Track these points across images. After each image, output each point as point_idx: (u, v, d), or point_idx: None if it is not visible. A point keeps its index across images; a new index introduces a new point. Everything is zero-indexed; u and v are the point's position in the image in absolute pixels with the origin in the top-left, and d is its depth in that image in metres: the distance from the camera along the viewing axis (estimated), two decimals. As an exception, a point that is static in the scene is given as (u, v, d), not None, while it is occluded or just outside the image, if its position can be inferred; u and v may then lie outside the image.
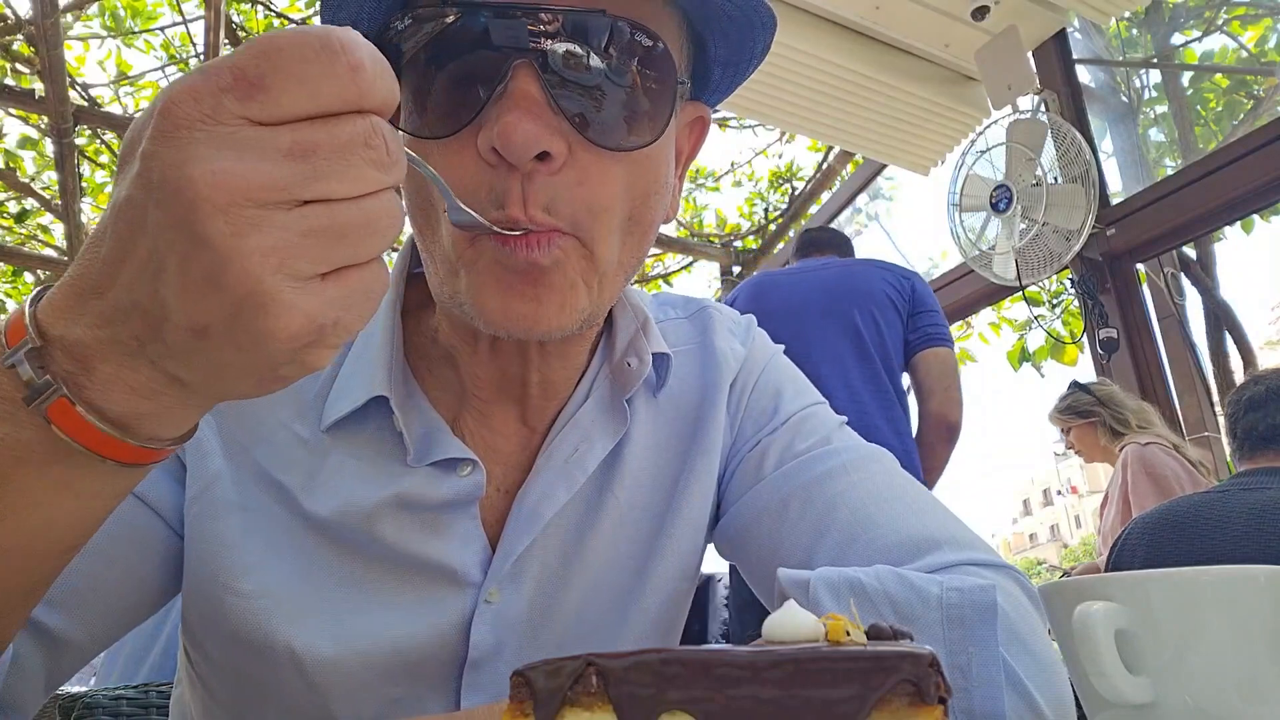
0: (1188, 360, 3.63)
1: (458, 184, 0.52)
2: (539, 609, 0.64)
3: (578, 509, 0.66)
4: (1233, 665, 0.48)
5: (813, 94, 3.61)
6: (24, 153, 5.45)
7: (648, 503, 0.69)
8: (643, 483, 0.69)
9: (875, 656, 0.29)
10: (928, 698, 0.28)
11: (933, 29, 3.38)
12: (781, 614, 0.33)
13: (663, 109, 0.55)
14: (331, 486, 0.61)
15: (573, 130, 0.52)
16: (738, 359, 0.74)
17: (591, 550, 0.66)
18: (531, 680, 0.32)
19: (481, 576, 0.62)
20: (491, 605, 0.62)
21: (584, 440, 0.66)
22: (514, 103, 0.50)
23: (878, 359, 2.19)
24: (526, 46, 0.50)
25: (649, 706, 0.30)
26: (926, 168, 4.00)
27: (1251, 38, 4.16)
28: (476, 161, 0.52)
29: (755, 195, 6.51)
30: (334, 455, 0.62)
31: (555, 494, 0.64)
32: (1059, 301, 4.63)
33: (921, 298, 2.33)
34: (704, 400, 0.71)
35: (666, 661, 0.30)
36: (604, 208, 0.54)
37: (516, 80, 0.50)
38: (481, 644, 0.62)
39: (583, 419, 0.66)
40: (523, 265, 0.52)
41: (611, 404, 0.67)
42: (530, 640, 0.63)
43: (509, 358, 0.63)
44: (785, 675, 0.29)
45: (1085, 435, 3.03)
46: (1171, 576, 0.50)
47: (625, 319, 0.68)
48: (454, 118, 0.52)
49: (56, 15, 3.71)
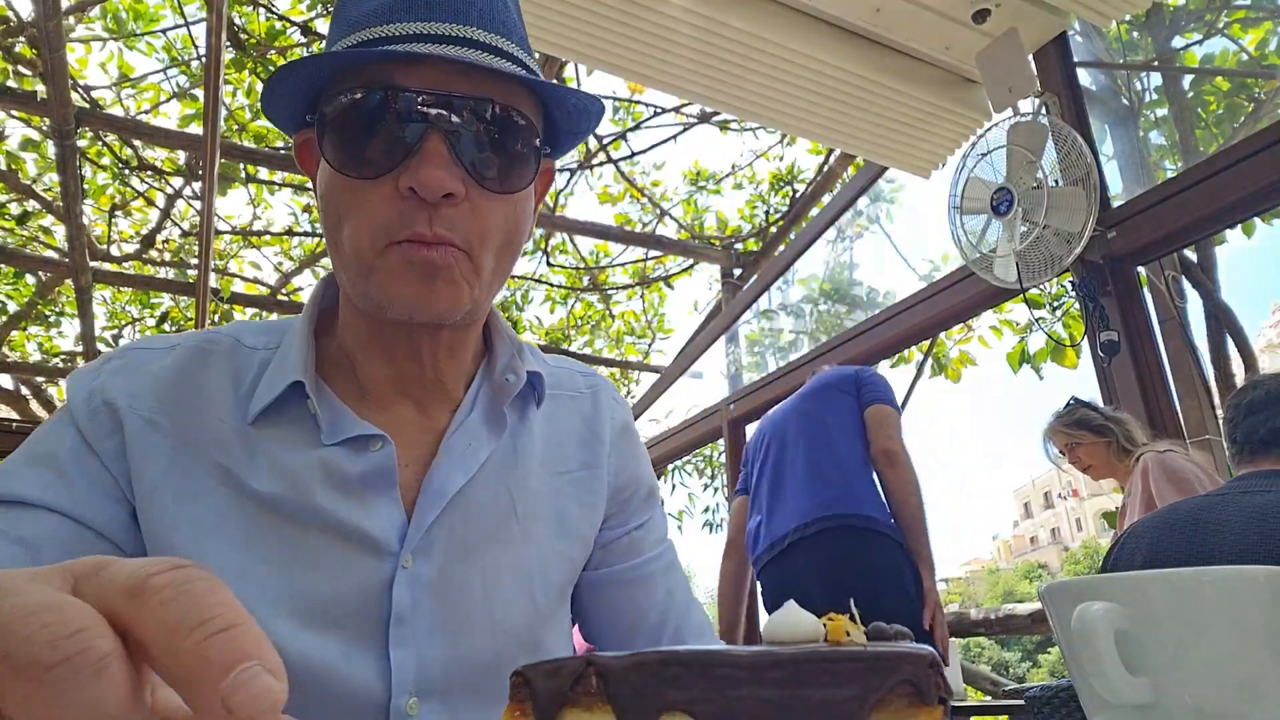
0: (1189, 363, 3.62)
1: (378, 214, 0.69)
2: (447, 575, 0.76)
3: (482, 496, 0.80)
4: (1233, 666, 0.48)
5: (813, 97, 3.61)
6: (26, 155, 5.45)
7: (537, 513, 0.84)
8: (534, 490, 0.84)
9: (875, 657, 0.29)
10: (928, 698, 0.29)
11: (933, 32, 3.38)
12: (782, 614, 0.33)
13: (530, 164, 0.75)
14: (267, 466, 0.74)
15: (469, 177, 0.70)
16: (618, 416, 0.95)
17: (489, 534, 0.79)
18: (531, 680, 0.32)
19: (399, 545, 0.75)
20: (407, 570, 0.74)
21: (474, 439, 0.81)
22: (427, 158, 0.68)
23: (843, 432, 2.99)
24: (436, 118, 0.69)
25: (649, 707, 0.30)
26: (927, 170, 4.00)
27: (1252, 40, 4.16)
28: (394, 197, 0.69)
29: (756, 198, 6.51)
30: (262, 442, 0.75)
31: (454, 477, 0.78)
32: (1060, 304, 4.62)
33: (866, 379, 3.09)
34: (592, 435, 0.91)
35: (666, 662, 0.30)
36: (489, 233, 0.72)
37: (429, 141, 0.69)
38: (401, 601, 0.73)
39: (471, 424, 0.82)
40: (423, 263, 0.69)
41: (493, 412, 0.83)
42: (442, 601, 0.75)
43: (404, 358, 0.78)
44: (785, 676, 0.29)
45: (1097, 452, 2.99)
46: (1172, 577, 0.50)
47: (503, 345, 0.86)
48: (380, 165, 0.69)
49: (58, 17, 3.71)
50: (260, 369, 0.79)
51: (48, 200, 5.40)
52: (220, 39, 3.53)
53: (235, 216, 9.39)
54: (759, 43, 3.34)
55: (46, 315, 6.81)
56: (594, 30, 3.23)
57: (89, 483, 0.70)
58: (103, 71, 5.30)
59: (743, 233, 6.49)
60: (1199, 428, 3.36)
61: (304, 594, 0.71)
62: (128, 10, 5.10)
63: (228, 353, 0.80)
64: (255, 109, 5.58)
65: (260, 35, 4.96)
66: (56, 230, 5.99)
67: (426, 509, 0.76)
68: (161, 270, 6.70)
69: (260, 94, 0.73)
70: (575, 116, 0.79)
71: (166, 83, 5.38)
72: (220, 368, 0.79)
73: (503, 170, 0.73)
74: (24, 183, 5.36)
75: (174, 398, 0.76)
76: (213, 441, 0.74)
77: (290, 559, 0.72)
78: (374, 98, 0.69)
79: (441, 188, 0.68)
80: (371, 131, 0.70)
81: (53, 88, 3.94)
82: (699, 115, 5.63)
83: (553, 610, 0.83)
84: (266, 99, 0.74)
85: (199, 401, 0.76)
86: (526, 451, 0.85)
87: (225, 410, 0.76)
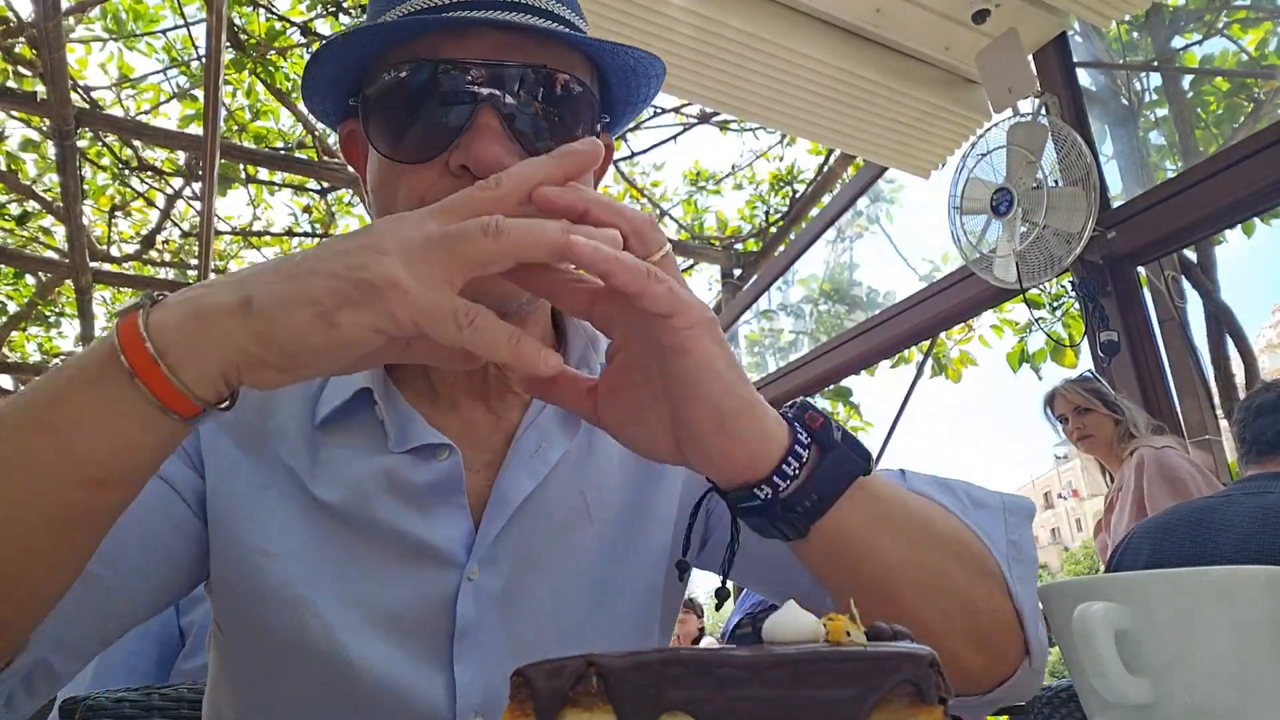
0: (1188, 363, 3.62)
1: (428, 195, 0.64)
2: (515, 588, 0.72)
3: (552, 502, 0.75)
4: (1233, 666, 0.48)
5: (813, 97, 3.61)
6: (26, 155, 5.45)
7: (615, 514, 0.78)
8: (610, 489, 0.78)
9: (875, 657, 0.29)
10: (928, 698, 0.29)
11: (933, 32, 3.38)
12: (782, 614, 0.33)
13: (587, 135, 0.69)
14: (331, 474, 0.71)
15: (523, 153, 0.65)
16: None
17: (558, 540, 0.74)
18: (532, 680, 0.32)
19: (465, 556, 0.71)
20: (473, 582, 0.70)
21: (544, 439, 0.76)
22: (480, 134, 0.64)
23: None
24: (488, 92, 0.65)
25: (649, 707, 0.30)
26: (927, 171, 4.00)
27: (1252, 41, 4.16)
28: (445, 177, 0.65)
29: (756, 198, 6.51)
30: (326, 447, 0.72)
31: (521, 483, 0.73)
32: (1060, 304, 4.62)
33: None
34: None
35: (667, 662, 0.30)
36: None
37: (482, 117, 0.64)
38: (466, 616, 0.70)
39: (543, 421, 0.76)
40: None
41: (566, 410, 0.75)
42: (507, 616, 0.71)
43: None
44: (786, 676, 0.29)
45: (1104, 425, 2.98)
46: (1172, 577, 0.50)
47: (577, 338, 0.81)
48: (431, 146, 0.66)
49: (58, 18, 3.71)
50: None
51: (48, 201, 5.40)
52: (220, 39, 3.54)
53: (235, 217, 9.37)
54: (759, 43, 3.33)
55: (46, 316, 6.81)
56: (593, 31, 3.22)
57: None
58: (103, 72, 5.31)
59: (743, 233, 6.49)
60: (1199, 428, 3.36)
61: (370, 603, 0.69)
62: (128, 10, 5.10)
63: None
64: (255, 109, 5.58)
65: (260, 36, 4.96)
66: (56, 231, 5.99)
67: (493, 518, 0.72)
68: (161, 271, 6.70)
69: (301, 81, 0.71)
70: (633, 82, 0.74)
71: (166, 83, 5.39)
72: None
73: (559, 142, 0.65)
74: (24, 183, 5.36)
75: (255, 397, 0.73)
76: (279, 437, 0.73)
77: (356, 569, 0.70)
78: (420, 73, 0.65)
79: (497, 164, 0.61)
80: (419, 110, 0.66)
81: (53, 88, 3.94)
82: (699, 115, 5.63)
83: (638, 615, 0.77)
84: (307, 85, 0.70)
85: (268, 396, 0.74)
86: (608, 444, 0.78)
87: (294, 407, 0.74)
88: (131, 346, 0.47)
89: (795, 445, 0.56)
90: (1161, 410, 3.07)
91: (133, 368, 0.47)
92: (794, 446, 0.56)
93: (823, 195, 5.76)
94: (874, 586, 0.60)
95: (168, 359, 0.47)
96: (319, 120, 0.75)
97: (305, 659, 0.68)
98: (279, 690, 0.71)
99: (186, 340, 0.47)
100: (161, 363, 0.47)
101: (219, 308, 0.48)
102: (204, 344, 0.48)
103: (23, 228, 5.92)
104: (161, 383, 0.47)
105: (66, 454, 0.48)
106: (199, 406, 0.49)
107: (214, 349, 0.48)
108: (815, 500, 0.57)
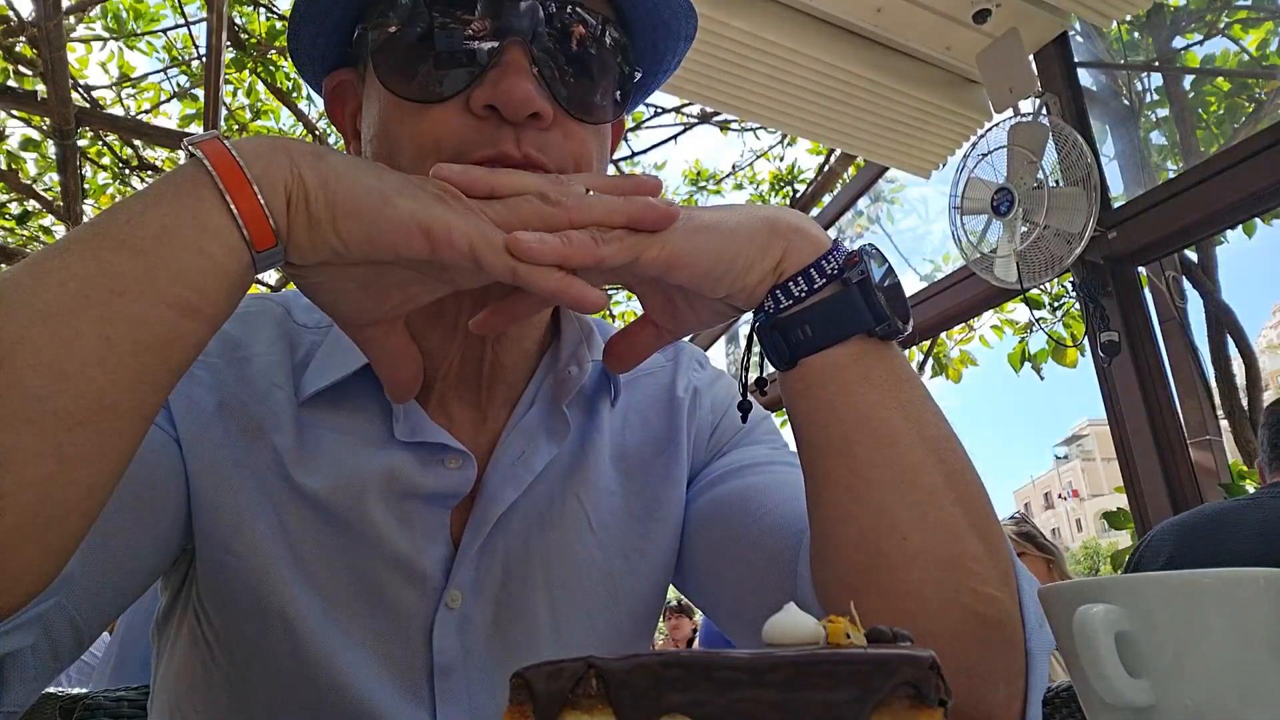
0: (1189, 363, 3.62)
1: (449, 137, 0.59)
2: (507, 611, 0.65)
3: (543, 511, 0.68)
4: (1233, 668, 0.48)
5: (814, 97, 3.61)
6: (26, 154, 5.44)
7: (617, 516, 0.71)
8: (609, 491, 0.72)
9: (875, 659, 0.29)
10: (928, 700, 0.28)
11: (934, 32, 3.38)
12: (781, 616, 0.33)
13: (623, 88, 0.64)
14: (317, 460, 0.64)
15: (551, 97, 0.59)
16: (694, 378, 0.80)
17: (556, 551, 0.68)
18: (531, 682, 0.32)
19: (443, 579, 0.64)
20: (454, 611, 0.63)
21: (529, 444, 0.69)
22: (509, 70, 0.57)
23: None
24: (517, 27, 0.58)
25: (649, 709, 0.30)
26: (928, 171, 4.00)
27: (1253, 41, 4.16)
28: (465, 117, 0.59)
29: (756, 198, 6.50)
30: (313, 428, 0.65)
31: (503, 494, 0.67)
32: (1060, 304, 4.62)
33: None
34: (671, 427, 0.75)
35: (667, 664, 0.30)
36: (584, 163, 0.62)
37: (510, 53, 0.58)
38: (447, 650, 0.63)
39: (528, 424, 0.70)
40: None
41: (553, 411, 0.70)
42: (503, 646, 0.65)
43: (470, 337, 0.66)
44: (785, 678, 0.29)
45: (1034, 566, 2.94)
46: (1171, 579, 0.50)
47: (571, 330, 0.73)
48: (449, 83, 0.59)
49: (59, 17, 3.71)
50: (311, 349, 0.68)
51: (48, 200, 5.39)
52: (220, 39, 3.53)
53: (236, 216, 9.35)
54: (760, 43, 3.33)
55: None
56: (594, 30, 3.23)
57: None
58: (103, 71, 5.30)
59: (743, 233, 6.48)
60: (1199, 428, 3.36)
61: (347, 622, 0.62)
62: (128, 10, 5.10)
63: (280, 319, 0.70)
64: (256, 108, 5.57)
65: (260, 35, 4.95)
66: (56, 230, 5.98)
67: (474, 533, 0.65)
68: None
69: (287, 26, 0.67)
70: (661, 42, 0.67)
71: (167, 82, 5.38)
72: (273, 331, 0.69)
73: (592, 93, 0.62)
74: (24, 183, 5.36)
75: (221, 350, 0.67)
76: (264, 410, 0.65)
77: (335, 580, 0.63)
78: (435, 5, 0.59)
79: (529, 103, 0.57)
80: (435, 45, 0.59)
81: (53, 87, 3.93)
82: (699, 115, 5.63)
83: (644, 621, 0.72)
84: (295, 27, 0.64)
85: (249, 361, 0.67)
86: (601, 448, 0.72)
87: (280, 377, 0.67)
88: (219, 158, 0.48)
89: (811, 269, 0.55)
90: (1162, 410, 3.06)
91: (219, 175, 0.48)
92: (809, 270, 0.55)
93: (823, 195, 5.75)
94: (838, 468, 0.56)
95: (252, 169, 0.48)
96: (302, 72, 0.70)
97: (272, 677, 0.63)
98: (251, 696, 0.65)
99: (266, 155, 0.49)
100: (247, 171, 0.48)
101: (297, 144, 0.50)
102: (277, 162, 0.49)
103: (23, 227, 5.92)
104: (244, 190, 0.48)
105: (156, 271, 0.46)
106: (272, 235, 0.49)
107: (282, 170, 0.49)
108: (807, 334, 0.54)
